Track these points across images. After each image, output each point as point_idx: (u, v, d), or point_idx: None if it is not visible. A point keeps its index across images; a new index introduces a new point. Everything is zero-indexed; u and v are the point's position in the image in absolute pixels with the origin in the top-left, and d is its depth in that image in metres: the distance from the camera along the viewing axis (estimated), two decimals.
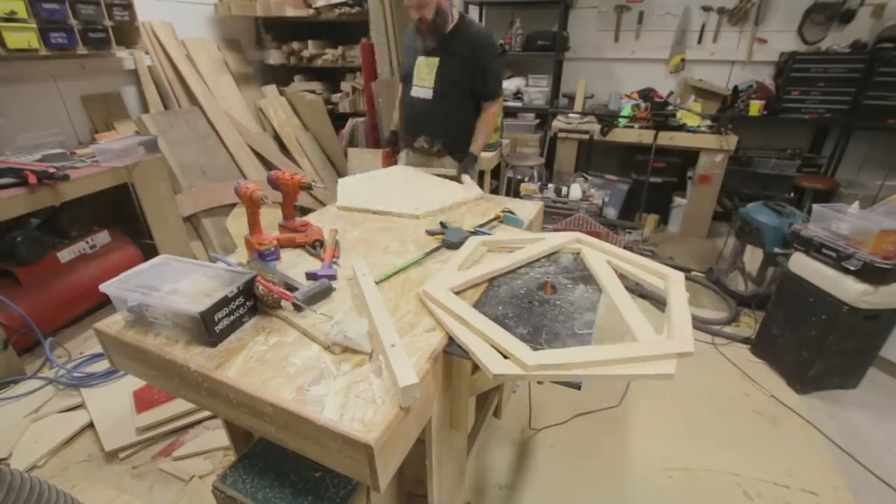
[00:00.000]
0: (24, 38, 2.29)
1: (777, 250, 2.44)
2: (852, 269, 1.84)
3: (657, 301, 2.72)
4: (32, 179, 2.02)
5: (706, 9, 3.61)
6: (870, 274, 1.80)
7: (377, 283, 1.13)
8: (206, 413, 1.85)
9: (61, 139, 2.71)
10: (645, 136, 3.44)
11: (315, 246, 1.34)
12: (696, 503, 1.61)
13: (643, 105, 3.56)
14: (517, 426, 1.91)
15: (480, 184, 2.12)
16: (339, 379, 0.85)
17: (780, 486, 1.66)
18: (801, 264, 2.08)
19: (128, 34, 2.84)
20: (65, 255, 2.41)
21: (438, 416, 0.99)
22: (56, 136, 2.68)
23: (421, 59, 1.95)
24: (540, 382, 1.62)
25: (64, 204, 2.24)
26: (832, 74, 3.25)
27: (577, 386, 0.87)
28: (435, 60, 1.91)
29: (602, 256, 1.25)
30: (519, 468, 1.73)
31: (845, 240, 1.93)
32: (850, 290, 1.85)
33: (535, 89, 3.99)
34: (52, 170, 2.08)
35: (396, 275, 1.19)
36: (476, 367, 0.96)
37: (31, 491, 0.89)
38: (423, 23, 1.82)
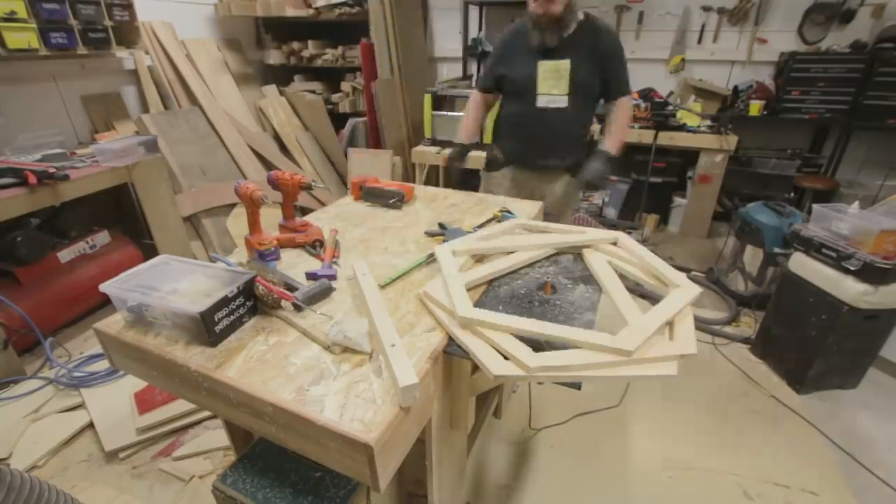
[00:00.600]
0: (24, 38, 2.29)
1: (777, 250, 2.44)
2: (852, 269, 1.84)
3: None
4: (32, 179, 2.02)
5: (706, 9, 3.60)
6: (870, 274, 1.80)
7: (382, 287, 1.12)
8: (206, 413, 1.85)
9: (61, 139, 2.71)
10: (645, 136, 3.44)
11: (315, 246, 1.34)
12: (696, 503, 1.61)
13: (643, 105, 3.55)
14: (517, 426, 1.91)
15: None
16: (339, 379, 0.85)
17: (780, 486, 1.66)
18: (801, 264, 2.08)
19: (128, 34, 2.84)
20: (65, 255, 2.42)
21: (438, 416, 0.99)
22: (56, 136, 2.67)
23: (547, 64, 1.69)
24: (540, 382, 1.62)
25: (64, 204, 2.24)
26: (832, 74, 3.24)
27: (578, 386, 0.87)
28: (565, 64, 1.66)
29: (603, 257, 1.25)
30: (519, 468, 1.73)
31: (845, 240, 1.93)
32: (850, 290, 1.85)
33: None
34: (52, 170, 2.08)
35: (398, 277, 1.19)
36: (476, 367, 0.96)
37: (31, 491, 0.89)
38: (546, 18, 1.56)
